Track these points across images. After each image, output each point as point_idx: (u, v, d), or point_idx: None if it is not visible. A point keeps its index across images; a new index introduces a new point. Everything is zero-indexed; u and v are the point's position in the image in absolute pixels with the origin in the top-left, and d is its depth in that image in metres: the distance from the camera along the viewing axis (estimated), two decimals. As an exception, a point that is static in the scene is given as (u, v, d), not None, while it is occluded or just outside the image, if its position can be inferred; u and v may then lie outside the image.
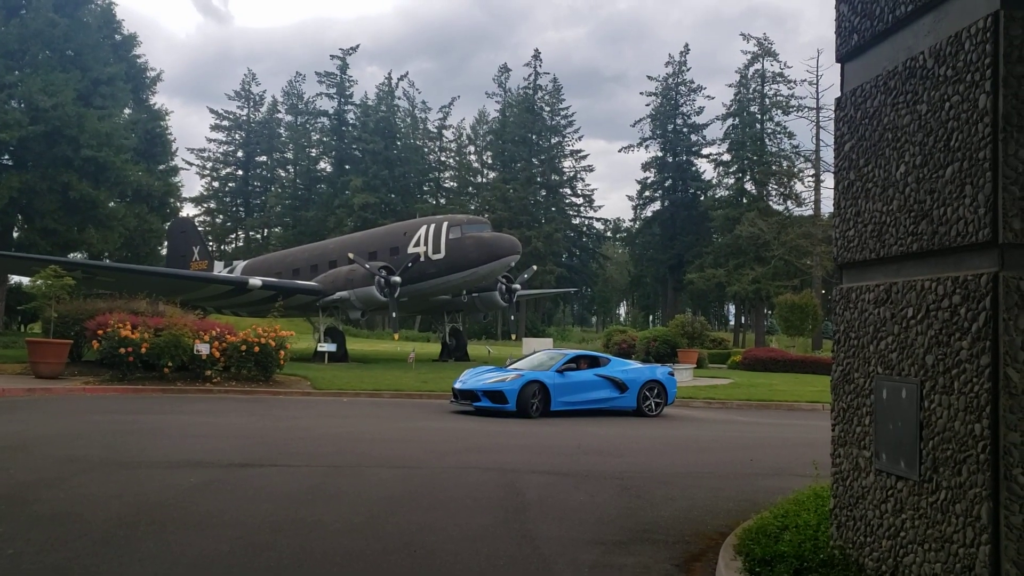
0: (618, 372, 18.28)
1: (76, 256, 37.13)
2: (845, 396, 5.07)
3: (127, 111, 39.68)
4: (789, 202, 70.38)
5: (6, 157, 33.96)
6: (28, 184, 32.31)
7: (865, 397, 4.83)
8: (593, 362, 18.53)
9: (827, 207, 62.75)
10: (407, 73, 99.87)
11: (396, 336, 39.34)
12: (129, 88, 39.41)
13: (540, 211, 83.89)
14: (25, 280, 34.42)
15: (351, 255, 33.58)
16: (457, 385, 18.11)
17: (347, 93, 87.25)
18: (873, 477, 4.70)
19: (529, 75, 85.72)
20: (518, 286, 38.16)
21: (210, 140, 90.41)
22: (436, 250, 33.49)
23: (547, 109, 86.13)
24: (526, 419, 16.51)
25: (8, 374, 21.44)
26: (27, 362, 21.50)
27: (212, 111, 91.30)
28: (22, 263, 31.24)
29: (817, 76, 66.68)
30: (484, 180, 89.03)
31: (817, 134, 66.21)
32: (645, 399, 18.27)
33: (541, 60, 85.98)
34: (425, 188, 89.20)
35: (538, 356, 19.55)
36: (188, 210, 79.14)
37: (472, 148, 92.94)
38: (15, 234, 35.54)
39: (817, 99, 66.59)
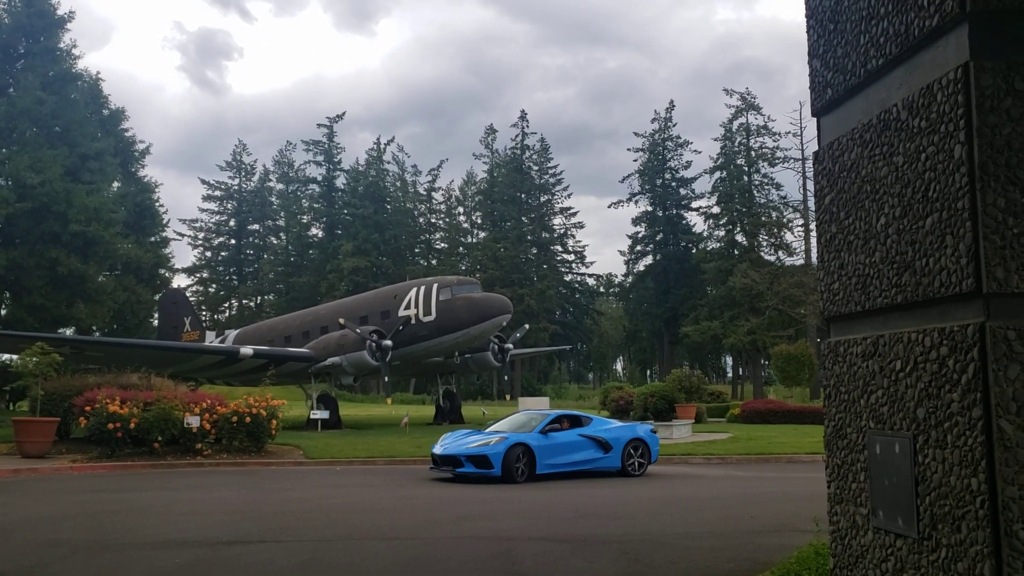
0: (601, 431, 17.61)
1: (65, 331, 36.93)
2: (839, 452, 4.95)
3: (116, 184, 39.87)
4: (780, 252, 70.70)
5: (-7, 234, 34.04)
6: (15, 261, 32.29)
7: (859, 452, 4.72)
8: (575, 421, 17.85)
9: (816, 255, 63.07)
10: (393, 138, 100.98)
11: (389, 400, 39.07)
12: (118, 162, 39.66)
13: (532, 269, 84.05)
14: (13, 357, 34.19)
15: (342, 320, 33.46)
16: (437, 450, 17.21)
17: (335, 160, 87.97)
18: (872, 535, 4.57)
19: (516, 135, 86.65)
20: (511, 346, 37.99)
21: (202, 210, 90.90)
22: (427, 312, 33.39)
23: (535, 168, 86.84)
24: (512, 484, 15.80)
25: (-6, 454, 21.11)
26: (13, 441, 21.17)
27: (204, 182, 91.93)
28: (9, 341, 31.02)
29: (801, 128, 67.62)
30: (474, 240, 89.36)
31: (804, 184, 66.78)
32: (629, 458, 17.53)
33: (528, 120, 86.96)
34: (416, 250, 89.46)
35: (518, 417, 18.80)
36: (181, 280, 79.30)
37: (461, 209, 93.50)
38: (2, 311, 35.41)
39: (802, 150, 67.35)
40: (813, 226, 64.29)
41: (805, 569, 6.10)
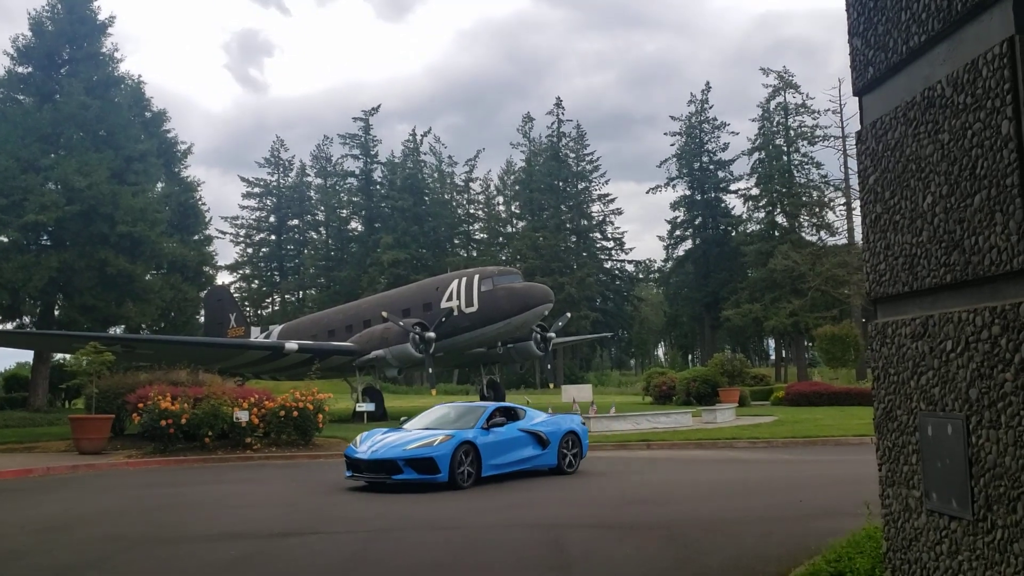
0: (539, 426, 15.68)
1: (115, 330, 37.62)
2: (889, 435, 4.91)
3: (160, 185, 40.44)
4: (822, 232, 69.77)
5: (44, 238, 34.68)
6: (66, 263, 32.92)
7: (910, 435, 4.67)
8: (511, 414, 15.86)
9: (860, 235, 62.29)
10: (430, 129, 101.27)
11: (433, 392, 39.27)
12: (161, 163, 40.20)
13: (571, 257, 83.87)
14: (67, 357, 34.94)
15: (384, 314, 33.69)
16: (361, 454, 14.21)
17: (372, 153, 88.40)
18: (925, 518, 4.53)
19: (553, 123, 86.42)
20: (553, 334, 37.97)
21: (243, 207, 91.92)
22: (469, 303, 33.50)
23: (572, 155, 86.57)
24: (460, 490, 13.57)
25: (53, 451, 21.63)
26: (71, 438, 21.68)
27: (243, 179, 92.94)
28: (63, 340, 31.73)
29: (840, 105, 66.57)
30: (513, 230, 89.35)
31: (845, 162, 65.85)
32: (564, 455, 15.78)
33: (564, 108, 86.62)
34: (455, 241, 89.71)
35: (438, 411, 16.30)
36: (224, 278, 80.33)
37: (500, 199, 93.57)
38: (56, 312, 36.13)
39: (842, 128, 66.38)
40: (856, 204, 63.48)
41: (858, 553, 6.06)
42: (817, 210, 69.90)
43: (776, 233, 72.29)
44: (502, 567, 7.79)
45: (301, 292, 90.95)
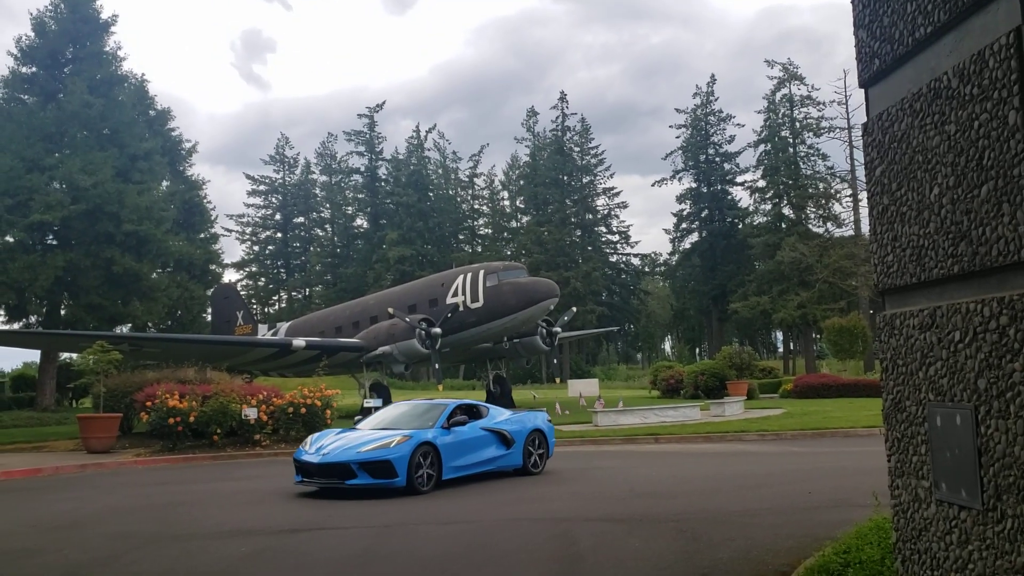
0: (503, 424, 14.81)
1: (122, 329, 37.73)
2: (898, 425, 4.92)
3: (165, 183, 40.54)
4: (829, 224, 69.66)
5: (50, 237, 34.80)
6: (72, 262, 33.05)
7: (919, 425, 4.68)
8: (473, 412, 14.92)
9: (867, 226, 62.18)
10: (435, 125, 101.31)
11: (440, 387, 39.32)
12: (166, 161, 40.30)
13: (576, 251, 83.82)
14: (74, 356, 35.05)
15: (391, 310, 33.76)
16: (311, 457, 13.19)
17: (377, 149, 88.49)
18: (935, 508, 4.53)
19: (557, 117, 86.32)
20: (559, 329, 37.99)
21: (248, 205, 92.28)
22: (474, 299, 33.54)
23: (577, 149, 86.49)
24: (420, 495, 12.58)
25: (61, 451, 21.73)
26: (79, 438, 21.77)
27: (248, 177, 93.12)
28: (70, 340, 31.84)
29: (846, 96, 66.36)
30: (518, 224, 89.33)
31: (851, 154, 65.66)
32: (529, 454, 14.94)
33: (567, 102, 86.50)
34: (460, 237, 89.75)
35: (395, 409, 15.38)
36: (230, 275, 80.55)
37: (505, 193, 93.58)
38: (62, 311, 36.25)
39: (848, 119, 66.20)
40: (863, 196, 63.42)
41: (867, 543, 6.07)
42: (824, 202, 69.78)
43: (783, 225, 72.17)
44: (512, 560, 7.82)
45: (307, 289, 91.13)
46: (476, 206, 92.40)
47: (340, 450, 13.01)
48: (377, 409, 30.14)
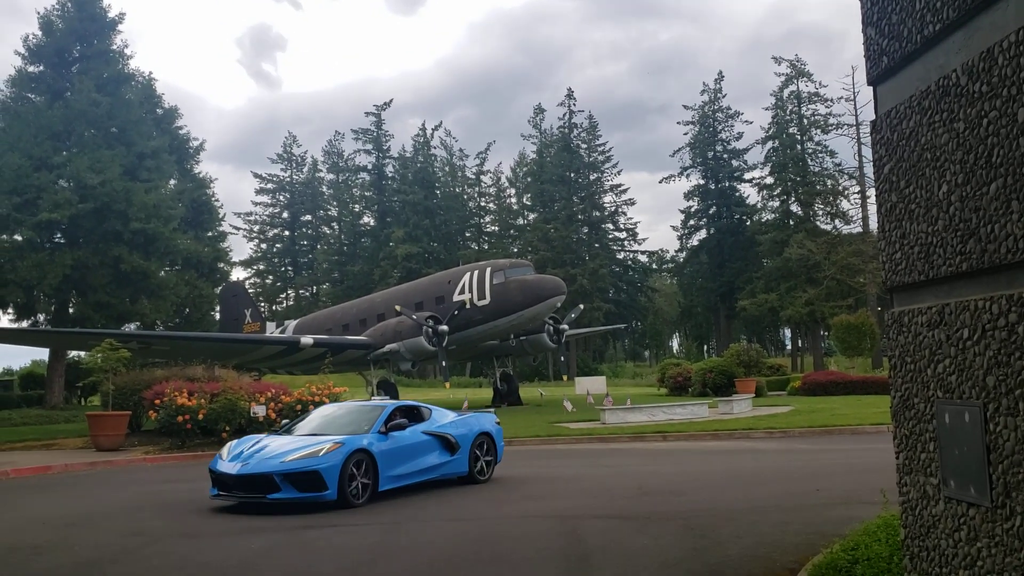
0: (448, 428, 13.58)
1: (130, 327, 37.84)
2: (906, 422, 4.92)
3: (172, 182, 40.61)
4: (836, 221, 69.52)
5: (58, 235, 34.88)
6: (80, 260, 33.14)
7: (927, 423, 4.68)
8: (414, 414, 13.69)
9: (875, 223, 62.02)
10: (440, 123, 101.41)
11: (447, 384, 39.38)
12: (173, 159, 40.36)
13: (583, 248, 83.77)
14: (83, 354, 35.17)
15: (398, 307, 33.82)
16: (227, 468, 11.69)
17: (384, 148, 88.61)
18: (943, 505, 4.53)
19: (564, 114, 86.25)
20: (566, 326, 38.00)
21: (256, 203, 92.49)
22: (481, 296, 33.57)
23: (584, 146, 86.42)
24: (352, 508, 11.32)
25: (70, 448, 21.81)
26: (88, 436, 21.85)
27: (256, 175, 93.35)
28: (79, 338, 31.95)
29: (854, 93, 66.22)
30: (525, 222, 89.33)
31: (859, 150, 65.55)
32: (476, 460, 13.72)
33: (575, 99, 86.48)
34: (467, 234, 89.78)
35: (326, 412, 13.96)
36: (238, 273, 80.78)
37: (512, 191, 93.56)
38: (70, 310, 36.37)
39: (856, 116, 66.05)
40: (871, 192, 63.31)
41: (875, 540, 6.07)
42: (832, 199, 69.64)
43: (791, 222, 72.04)
44: (520, 557, 7.84)
45: (315, 287, 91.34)
46: (483, 203, 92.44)
47: (261, 459, 11.55)
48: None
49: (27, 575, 7.88)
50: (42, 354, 49.63)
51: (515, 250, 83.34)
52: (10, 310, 35.69)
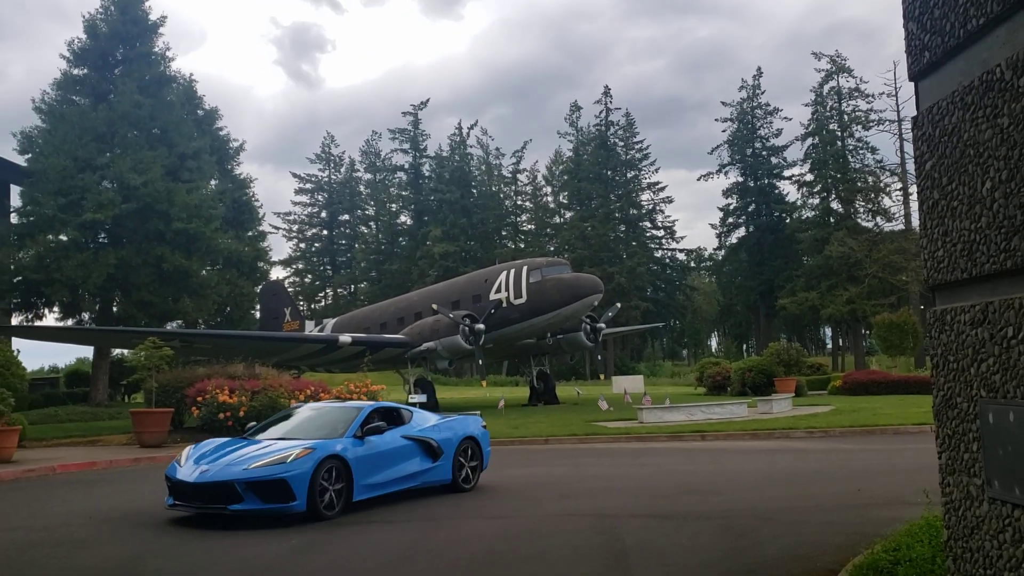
0: (430, 432, 12.62)
1: (172, 326, 38.37)
2: (949, 422, 4.86)
3: (214, 182, 41.10)
4: (878, 218, 68.63)
5: (102, 235, 35.45)
6: (124, 259, 33.64)
7: (970, 422, 4.62)
8: (393, 417, 12.70)
9: (917, 221, 61.09)
10: (476, 122, 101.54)
11: (483, 383, 39.50)
12: (214, 160, 40.85)
13: (620, 247, 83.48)
14: (126, 352, 35.71)
15: (435, 306, 33.97)
16: (185, 475, 10.68)
17: (421, 147, 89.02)
18: (987, 506, 4.47)
19: (601, 112, 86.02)
20: (603, 325, 37.90)
21: (295, 203, 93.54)
22: (517, 295, 33.59)
23: (621, 144, 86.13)
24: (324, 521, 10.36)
25: (115, 445, 22.18)
26: (132, 432, 22.21)
27: (295, 175, 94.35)
28: (123, 336, 32.47)
29: (896, 88, 65.32)
30: (561, 220, 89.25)
31: (901, 146, 64.67)
32: (460, 467, 12.80)
33: (611, 96, 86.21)
34: (503, 233, 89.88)
35: (298, 415, 12.82)
36: (278, 272, 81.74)
37: (548, 189, 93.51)
38: (114, 308, 36.94)
39: (898, 111, 65.17)
40: (913, 189, 62.40)
41: (917, 541, 6.00)
42: (873, 195, 68.76)
43: (831, 219, 71.22)
44: (558, 555, 7.85)
45: (353, 286, 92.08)
46: (519, 202, 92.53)
47: (223, 466, 10.53)
48: (421, 405, 30.55)
49: (73, 569, 8.04)
50: (87, 352, 50.60)
51: (551, 248, 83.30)
52: (56, 309, 36.35)
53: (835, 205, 72.38)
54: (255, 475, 10.17)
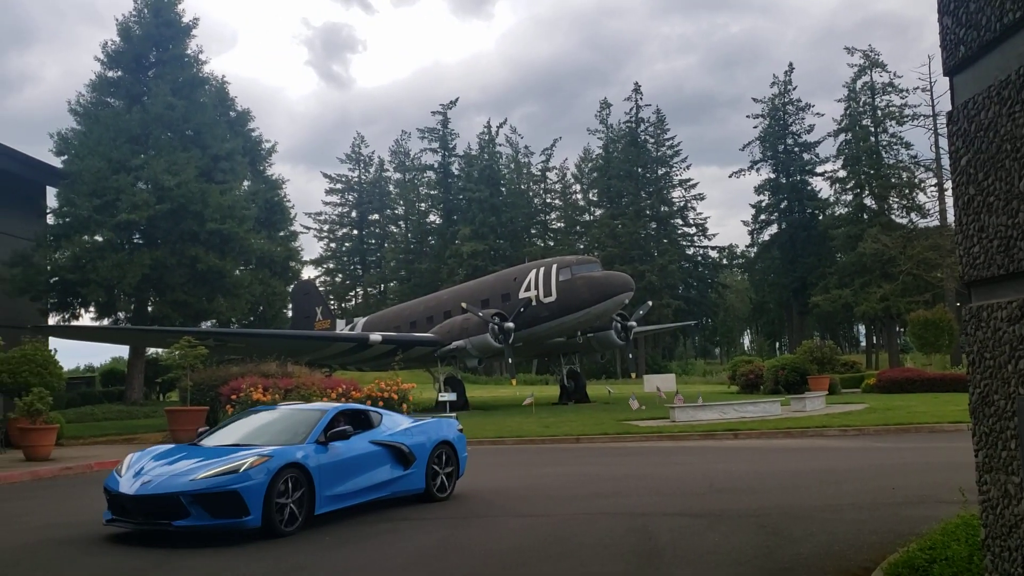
0: (400, 436, 11.52)
1: (207, 325, 38.81)
2: (986, 420, 4.81)
3: (246, 183, 41.53)
4: (913, 214, 67.76)
5: (137, 236, 35.94)
6: (159, 260, 34.10)
7: (1008, 420, 4.57)
8: (361, 420, 11.55)
9: (953, 216, 60.33)
10: (506, 120, 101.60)
11: (513, 381, 39.53)
12: (247, 161, 41.29)
13: (651, 244, 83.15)
14: (161, 351, 36.17)
15: (464, 305, 34.06)
16: (126, 486, 9.39)
17: (450, 146, 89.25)
18: (1025, 505, 4.42)
19: (631, 109, 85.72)
20: (634, 323, 37.77)
21: (325, 203, 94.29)
22: (547, 293, 33.59)
23: (651, 141, 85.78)
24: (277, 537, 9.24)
25: (150, 442, 22.39)
26: (167, 430, 22.48)
27: (326, 175, 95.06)
28: (158, 336, 32.91)
29: (931, 82, 64.49)
30: (591, 218, 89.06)
31: (936, 141, 63.80)
32: (435, 475, 11.78)
33: (641, 93, 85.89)
34: (532, 231, 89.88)
35: (255, 419, 11.52)
36: (309, 272, 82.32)
37: (578, 187, 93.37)
38: (149, 308, 37.43)
39: (933, 106, 64.34)
40: (948, 184, 61.60)
41: (954, 540, 5.93)
42: (907, 191, 67.92)
43: (865, 216, 70.44)
44: (589, 554, 7.85)
45: (383, 285, 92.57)
46: (548, 200, 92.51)
47: (167, 476, 9.34)
48: (451, 404, 30.63)
49: (108, 567, 8.17)
50: (122, 351, 51.31)
51: (581, 246, 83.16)
52: (92, 309, 36.92)
53: (868, 201, 71.58)
54: (203, 486, 9.02)
